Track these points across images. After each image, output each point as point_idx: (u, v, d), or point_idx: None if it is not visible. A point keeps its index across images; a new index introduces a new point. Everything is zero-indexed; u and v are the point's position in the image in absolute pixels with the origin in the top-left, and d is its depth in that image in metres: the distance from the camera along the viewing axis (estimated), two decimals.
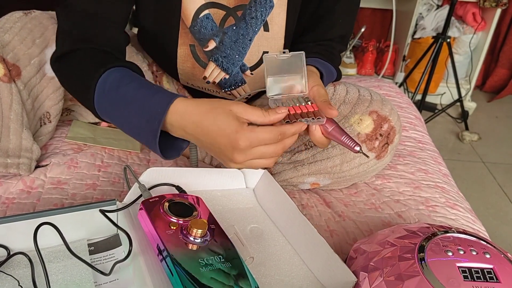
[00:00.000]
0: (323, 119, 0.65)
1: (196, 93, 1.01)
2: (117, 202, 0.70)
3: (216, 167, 0.94)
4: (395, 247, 0.62)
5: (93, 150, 0.90)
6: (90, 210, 0.68)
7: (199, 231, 0.60)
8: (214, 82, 0.89)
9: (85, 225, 0.68)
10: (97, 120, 0.97)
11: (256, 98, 0.99)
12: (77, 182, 0.82)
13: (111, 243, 0.69)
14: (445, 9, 2.39)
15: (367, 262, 0.63)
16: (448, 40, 2.16)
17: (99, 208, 0.67)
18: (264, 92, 0.97)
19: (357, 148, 0.63)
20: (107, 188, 0.82)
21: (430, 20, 2.41)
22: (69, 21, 0.74)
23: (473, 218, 0.84)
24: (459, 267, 0.57)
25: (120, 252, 0.67)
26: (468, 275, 0.57)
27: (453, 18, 2.36)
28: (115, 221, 0.70)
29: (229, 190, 0.79)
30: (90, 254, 0.66)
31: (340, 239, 0.76)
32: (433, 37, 2.22)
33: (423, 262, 0.58)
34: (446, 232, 0.63)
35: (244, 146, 0.60)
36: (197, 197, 0.70)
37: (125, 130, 0.70)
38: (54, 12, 0.91)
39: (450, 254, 0.59)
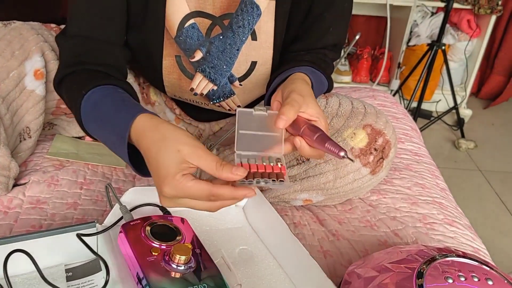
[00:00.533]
0: (286, 182, 0.57)
1: (185, 105, 0.97)
2: (97, 225, 0.66)
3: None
4: (392, 273, 0.58)
5: (75, 167, 0.86)
6: (67, 234, 0.65)
7: (183, 257, 0.56)
8: (201, 94, 0.85)
9: (63, 250, 0.64)
10: (81, 134, 0.94)
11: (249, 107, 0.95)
12: (57, 201, 0.78)
13: (90, 268, 0.65)
14: (440, 16, 2.37)
15: None
16: (443, 47, 2.14)
17: (76, 232, 0.63)
18: (256, 102, 0.94)
19: (342, 154, 0.55)
20: (89, 207, 0.78)
21: (424, 27, 2.38)
22: (65, 47, 0.75)
23: (472, 235, 0.81)
24: None
25: (100, 278, 0.63)
26: None
27: (447, 25, 2.33)
28: (95, 245, 0.66)
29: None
30: (67, 281, 0.62)
31: (334, 261, 0.72)
32: (428, 44, 2.20)
33: None
34: (446, 256, 0.59)
35: (168, 194, 0.55)
36: (182, 219, 0.66)
37: (110, 149, 0.69)
38: (36, 23, 0.88)
39: (450, 281, 0.55)
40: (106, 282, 0.57)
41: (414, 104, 2.29)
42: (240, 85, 0.84)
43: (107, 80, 0.69)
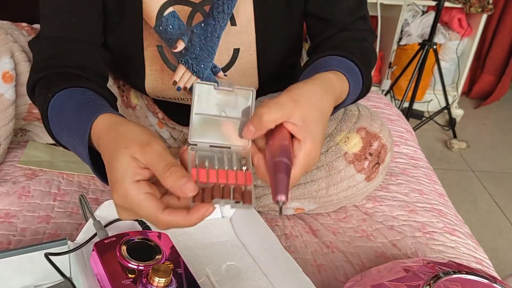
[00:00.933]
0: (250, 205, 0.45)
1: (168, 108, 0.91)
2: (69, 242, 0.60)
3: None
4: None
5: (49, 176, 0.79)
6: (35, 253, 0.59)
7: (162, 280, 0.51)
8: (185, 88, 0.80)
9: (32, 270, 0.59)
10: None
11: None
12: (28, 215, 0.72)
13: None
14: (431, 15, 2.33)
15: None
16: (435, 46, 2.10)
17: (44, 252, 0.57)
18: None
19: (277, 199, 0.43)
20: (63, 221, 0.72)
21: (415, 26, 2.35)
22: (36, 51, 0.70)
23: (474, 244, 0.76)
24: None
25: None
26: None
27: (438, 24, 2.30)
28: (68, 264, 0.60)
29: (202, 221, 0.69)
30: None
31: (329, 276, 0.67)
32: (419, 43, 2.16)
33: None
34: (451, 273, 0.54)
35: (118, 204, 0.47)
36: (158, 233, 0.60)
37: (73, 151, 0.63)
38: (5, 22, 0.82)
39: None
40: None
41: (406, 104, 2.26)
42: (225, 75, 0.78)
43: (75, 82, 0.63)
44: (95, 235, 0.60)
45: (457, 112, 2.49)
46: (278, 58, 0.82)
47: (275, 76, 0.85)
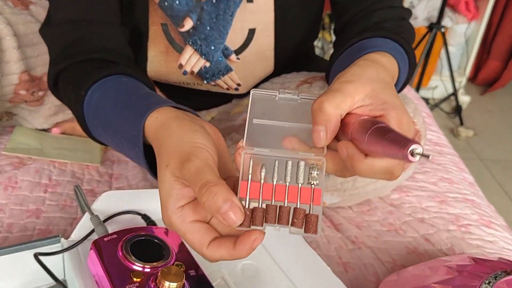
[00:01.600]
0: (315, 235, 0.36)
1: (170, 92, 0.83)
2: (62, 240, 0.52)
3: None
4: None
5: (38, 165, 0.71)
6: (24, 252, 0.51)
7: (174, 284, 0.43)
8: (192, 72, 0.71)
9: (20, 271, 0.51)
10: (45, 125, 0.79)
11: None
12: (15, 208, 0.63)
13: None
14: None
15: None
16: (443, 29, 2.02)
17: (35, 251, 0.49)
18: (261, 79, 0.78)
19: (410, 148, 0.30)
20: (55, 215, 0.64)
21: (421, 9, 2.27)
22: (52, 39, 0.61)
23: (511, 237, 0.69)
24: None
25: None
26: None
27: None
28: (61, 265, 0.52)
29: None
30: None
31: (357, 275, 0.59)
32: (427, 27, 2.08)
33: None
34: (507, 273, 0.47)
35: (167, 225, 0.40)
36: (165, 229, 0.52)
37: (122, 153, 0.54)
38: None
39: None
40: None
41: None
42: (238, 58, 0.70)
43: (105, 71, 0.54)
44: (92, 231, 0.52)
45: (464, 99, 2.42)
46: (296, 41, 0.74)
47: (290, 61, 0.77)
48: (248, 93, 0.81)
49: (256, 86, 0.80)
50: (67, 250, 0.49)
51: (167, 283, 0.43)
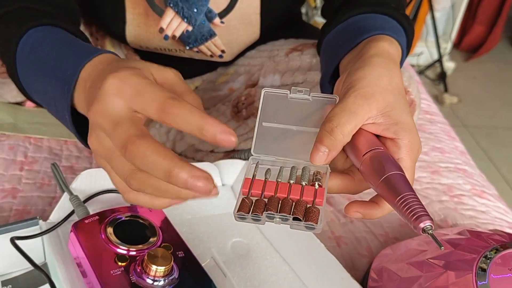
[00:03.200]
0: (317, 227, 0.35)
1: (152, 58, 0.78)
2: (40, 222, 0.49)
3: (180, 155, 0.74)
4: (442, 272, 0.44)
5: (13, 141, 0.67)
6: (0, 236, 0.48)
7: (161, 268, 0.40)
8: (174, 37, 0.67)
9: None
10: (19, 99, 0.74)
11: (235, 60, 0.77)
12: None
13: (36, 277, 0.49)
14: None
15: None
16: None
17: (11, 235, 0.46)
18: (247, 46, 0.74)
19: (422, 226, 0.31)
20: (33, 194, 0.60)
21: None
22: None
23: (504, 207, 0.68)
24: None
25: None
26: None
27: None
28: (41, 249, 0.49)
29: None
30: None
31: (350, 250, 0.58)
32: None
33: None
34: (505, 247, 0.46)
35: (95, 122, 0.35)
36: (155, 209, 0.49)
37: (45, 105, 0.49)
38: None
39: None
40: None
41: None
42: (222, 22, 0.66)
43: (52, 20, 0.49)
44: (72, 212, 0.49)
45: (449, 65, 2.41)
46: (282, 5, 0.70)
47: (276, 26, 0.73)
48: (233, 61, 0.77)
49: (242, 53, 0.76)
50: (46, 233, 0.46)
51: (154, 267, 0.40)
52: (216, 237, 0.54)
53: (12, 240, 0.45)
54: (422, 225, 0.31)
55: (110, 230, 0.44)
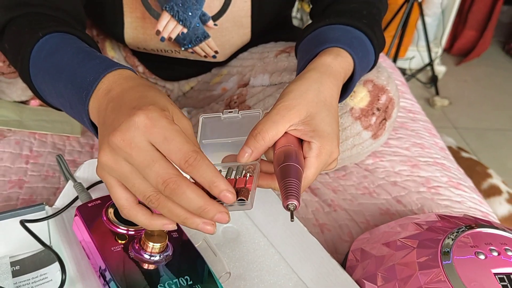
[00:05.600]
0: (247, 203, 0.41)
1: (149, 61, 0.83)
2: (46, 207, 0.53)
3: None
4: (410, 250, 0.49)
5: (19, 137, 0.71)
6: (9, 220, 0.52)
7: (157, 245, 0.45)
8: (170, 39, 0.72)
9: (6, 239, 0.52)
10: (24, 98, 0.79)
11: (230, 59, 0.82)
12: None
13: (42, 259, 0.53)
14: None
15: (374, 270, 0.50)
16: (419, 0, 2.04)
17: (20, 219, 0.50)
18: (239, 52, 0.80)
19: (287, 203, 0.39)
20: (38, 185, 0.65)
21: None
22: None
23: (479, 198, 0.73)
24: (495, 274, 0.45)
25: (55, 270, 0.51)
26: (508, 284, 0.44)
27: None
28: (47, 232, 0.53)
29: None
30: (14, 276, 0.51)
31: (333, 235, 0.62)
32: None
33: (450, 270, 0.45)
34: (470, 227, 0.50)
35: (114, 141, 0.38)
36: None
37: (59, 106, 0.53)
38: None
39: (482, 257, 0.46)
40: (63, 282, 0.45)
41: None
42: (215, 25, 0.71)
43: (67, 28, 0.53)
44: (76, 198, 0.54)
45: (440, 69, 2.46)
46: (273, 7, 0.74)
47: (268, 28, 0.78)
48: (227, 61, 0.82)
49: (235, 55, 0.81)
50: (53, 216, 0.51)
51: (151, 244, 0.45)
52: None
53: (22, 223, 0.49)
54: (287, 202, 0.38)
55: (111, 212, 0.48)
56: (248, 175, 0.43)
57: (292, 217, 0.39)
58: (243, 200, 0.40)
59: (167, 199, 0.38)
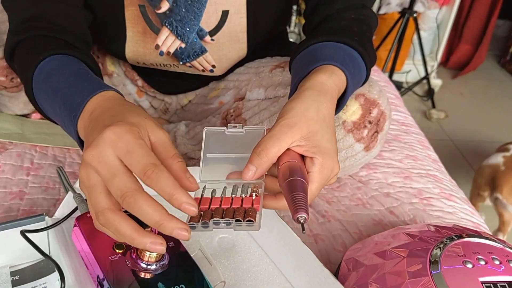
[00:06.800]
0: (256, 223, 0.42)
1: (148, 75, 0.85)
2: (47, 218, 0.55)
3: None
4: (401, 259, 0.50)
5: (20, 149, 0.73)
6: (10, 230, 0.53)
7: (154, 254, 0.46)
8: (168, 53, 0.74)
9: (6, 249, 0.53)
10: (25, 111, 0.80)
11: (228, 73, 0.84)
12: None
13: (41, 269, 0.54)
14: None
15: (365, 279, 0.51)
16: (415, 14, 2.07)
17: (20, 229, 0.51)
18: (236, 62, 0.81)
19: (296, 216, 0.40)
20: (38, 197, 0.66)
21: None
22: (13, 11, 0.62)
23: (471, 209, 0.74)
24: (482, 282, 0.46)
25: (54, 280, 0.52)
26: None
27: None
28: (46, 242, 0.55)
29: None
30: (14, 286, 0.52)
31: (327, 245, 0.64)
32: (399, 12, 2.13)
33: (438, 279, 0.46)
34: (459, 237, 0.52)
35: (98, 146, 0.40)
36: None
37: (57, 123, 0.57)
38: None
39: (469, 266, 0.48)
40: None
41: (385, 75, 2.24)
42: (212, 40, 0.73)
43: (66, 50, 0.57)
44: (75, 209, 0.55)
45: (436, 82, 2.49)
46: (268, 23, 0.77)
47: (263, 43, 0.80)
48: (224, 75, 0.84)
49: (231, 70, 0.83)
50: (52, 227, 0.52)
51: (147, 253, 0.46)
52: (204, 233, 0.60)
53: (23, 233, 0.51)
54: (297, 215, 0.40)
55: None
56: (254, 195, 0.45)
57: (303, 229, 0.40)
58: (252, 221, 0.42)
59: (114, 217, 0.40)
